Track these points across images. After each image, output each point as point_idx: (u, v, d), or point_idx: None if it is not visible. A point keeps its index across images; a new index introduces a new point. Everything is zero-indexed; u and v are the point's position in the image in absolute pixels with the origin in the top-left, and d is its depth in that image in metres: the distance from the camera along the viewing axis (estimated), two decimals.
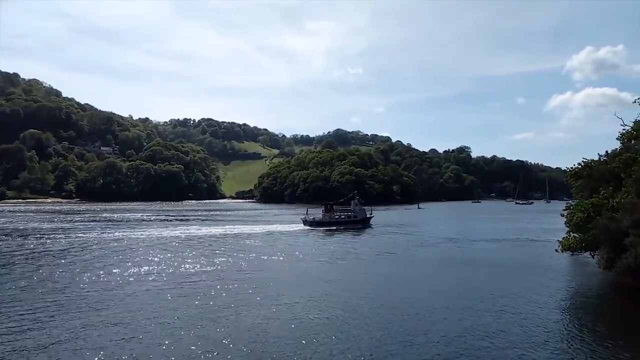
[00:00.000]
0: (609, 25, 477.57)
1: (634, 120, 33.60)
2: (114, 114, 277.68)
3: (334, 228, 66.19)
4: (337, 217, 71.07)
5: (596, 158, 36.32)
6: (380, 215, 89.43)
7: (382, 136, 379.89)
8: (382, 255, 41.17)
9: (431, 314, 20.98)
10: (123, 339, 17.02)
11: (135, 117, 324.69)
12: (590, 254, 32.12)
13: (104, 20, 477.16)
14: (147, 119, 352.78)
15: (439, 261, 38.19)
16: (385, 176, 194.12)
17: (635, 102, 32.91)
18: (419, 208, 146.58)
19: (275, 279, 29.33)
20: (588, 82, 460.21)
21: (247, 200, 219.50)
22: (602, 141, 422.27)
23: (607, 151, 36.78)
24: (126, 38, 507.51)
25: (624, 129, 34.30)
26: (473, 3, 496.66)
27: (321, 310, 21.42)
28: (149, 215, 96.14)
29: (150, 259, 36.15)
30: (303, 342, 16.94)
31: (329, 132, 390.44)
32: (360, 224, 70.50)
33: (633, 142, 32.56)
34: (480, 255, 41.15)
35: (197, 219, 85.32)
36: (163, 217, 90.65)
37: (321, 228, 65.65)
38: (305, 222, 68.57)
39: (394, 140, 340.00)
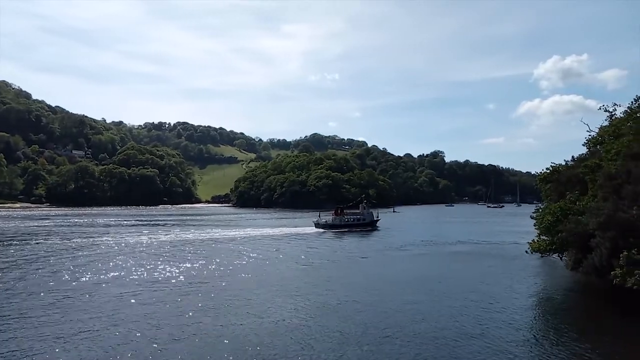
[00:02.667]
0: (575, 34, 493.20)
1: (599, 127, 35.42)
2: (87, 117, 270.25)
3: (346, 230, 70.02)
4: (347, 220, 74.49)
5: (564, 163, 38.14)
6: None
7: (358, 141, 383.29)
8: (366, 258, 42.98)
9: (413, 312, 21.99)
10: (92, 345, 17.14)
11: (108, 120, 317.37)
12: (559, 256, 33.56)
13: (76, 21, 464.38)
14: (120, 122, 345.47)
15: (420, 262, 40.66)
16: (362, 180, 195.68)
17: (600, 109, 34.73)
18: (394, 212, 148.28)
19: (291, 277, 31.08)
20: (555, 89, 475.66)
21: (223, 205, 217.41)
22: (570, 146, 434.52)
23: (573, 156, 38.61)
24: (99, 39, 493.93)
25: (590, 135, 36.08)
26: (447, 10, 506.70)
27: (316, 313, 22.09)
28: (120, 220, 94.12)
29: (145, 264, 36.03)
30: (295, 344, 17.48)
31: (305, 137, 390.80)
32: (369, 227, 74.68)
33: (598, 147, 34.27)
34: (455, 257, 43.03)
35: (200, 225, 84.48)
36: (145, 222, 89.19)
37: (333, 230, 69.48)
38: (317, 225, 72.40)
39: (370, 144, 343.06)
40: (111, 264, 36.26)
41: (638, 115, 30.32)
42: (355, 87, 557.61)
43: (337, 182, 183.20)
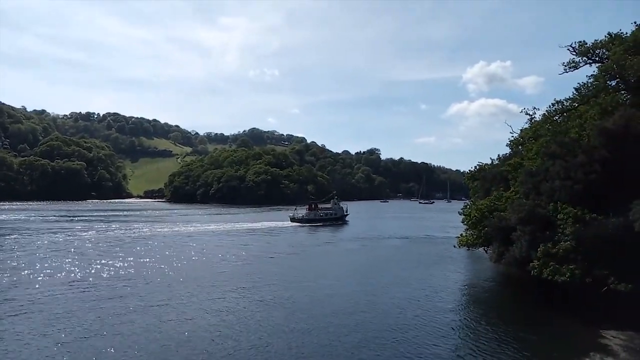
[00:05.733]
0: (500, 42, 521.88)
1: (521, 129, 37.88)
2: (4, 104, 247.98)
3: (320, 224, 75.38)
4: (321, 214, 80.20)
5: (489, 162, 40.52)
6: None
7: (297, 137, 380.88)
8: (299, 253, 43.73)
9: (359, 301, 22.84)
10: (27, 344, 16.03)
11: (29, 109, 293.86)
12: (484, 249, 35.59)
13: None
14: (43, 111, 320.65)
15: (370, 254, 44.69)
16: (300, 176, 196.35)
17: (521, 112, 37.06)
18: None
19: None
20: (481, 93, 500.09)
21: (156, 200, 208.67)
22: (495, 146, 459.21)
23: (498, 155, 41.09)
24: (15, 19, 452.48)
25: (512, 136, 38.49)
26: (384, 9, 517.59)
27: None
28: (39, 216, 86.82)
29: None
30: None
31: (244, 131, 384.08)
32: (340, 221, 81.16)
33: (520, 147, 36.70)
34: (388, 251, 45.60)
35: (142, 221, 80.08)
36: (67, 218, 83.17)
37: (308, 225, 74.45)
38: (293, 219, 77.23)
39: (309, 141, 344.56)
40: (18, 264, 33.17)
41: (554, 118, 32.74)
42: (295, 84, 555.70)
43: (276, 178, 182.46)
